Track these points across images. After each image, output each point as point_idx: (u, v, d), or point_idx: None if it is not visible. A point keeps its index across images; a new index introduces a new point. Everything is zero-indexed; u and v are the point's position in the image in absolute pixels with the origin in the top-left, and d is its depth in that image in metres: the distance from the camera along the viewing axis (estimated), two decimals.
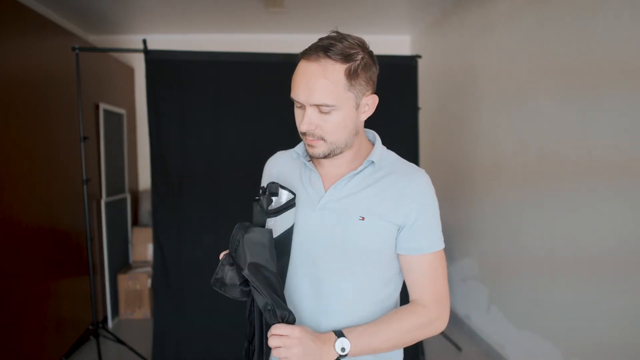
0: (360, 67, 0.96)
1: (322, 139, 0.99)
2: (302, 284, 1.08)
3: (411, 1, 3.58)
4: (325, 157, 1.02)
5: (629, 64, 1.87)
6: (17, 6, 2.53)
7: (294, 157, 1.15)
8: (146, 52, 2.60)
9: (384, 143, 1.13)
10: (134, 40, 4.21)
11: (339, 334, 0.95)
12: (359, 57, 0.96)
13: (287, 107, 2.99)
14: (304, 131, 0.99)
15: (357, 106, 0.99)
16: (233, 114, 2.70)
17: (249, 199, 1.68)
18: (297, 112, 1.00)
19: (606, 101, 2.00)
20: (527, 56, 2.60)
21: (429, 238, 1.03)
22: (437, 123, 3.96)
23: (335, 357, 0.94)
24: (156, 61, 2.64)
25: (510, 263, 2.82)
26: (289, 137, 2.67)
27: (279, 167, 1.17)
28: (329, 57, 0.94)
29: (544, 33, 2.44)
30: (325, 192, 1.06)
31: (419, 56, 2.91)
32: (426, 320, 1.02)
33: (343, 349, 0.93)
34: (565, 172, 2.27)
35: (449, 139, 3.75)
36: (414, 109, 2.90)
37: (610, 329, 2.01)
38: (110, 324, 3.55)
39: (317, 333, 0.95)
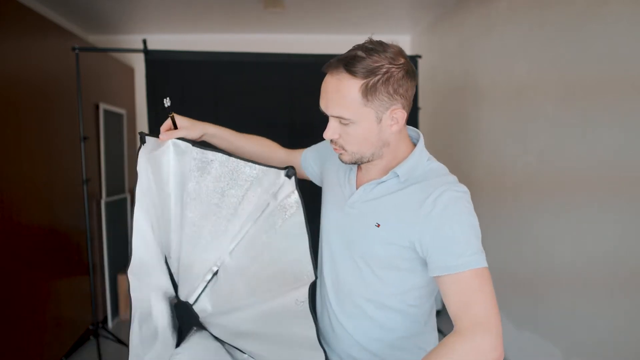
0: (380, 81, 0.91)
1: (344, 148, 1.00)
2: (327, 281, 1.12)
3: (411, 1, 3.57)
4: (353, 163, 1.03)
5: (629, 65, 1.87)
6: (17, 6, 2.53)
7: None
8: (146, 52, 2.60)
9: None
10: (134, 40, 4.20)
11: None
12: (382, 71, 0.90)
13: (287, 106, 2.99)
14: (326, 139, 1.00)
15: (380, 120, 0.95)
16: (233, 114, 2.70)
17: None
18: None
19: (607, 103, 2.00)
20: (527, 56, 2.59)
21: (455, 257, 0.92)
22: (437, 123, 3.96)
23: None
24: (156, 61, 2.64)
25: (510, 263, 2.82)
26: (290, 136, 2.69)
27: (333, 155, 1.16)
28: (347, 71, 0.90)
29: (544, 33, 2.44)
30: (357, 190, 1.07)
31: (419, 56, 2.91)
32: (471, 352, 0.85)
33: None
34: (565, 175, 2.27)
35: (448, 139, 3.74)
36: (414, 109, 2.90)
37: (610, 330, 2.01)
38: (110, 324, 3.54)
39: None
